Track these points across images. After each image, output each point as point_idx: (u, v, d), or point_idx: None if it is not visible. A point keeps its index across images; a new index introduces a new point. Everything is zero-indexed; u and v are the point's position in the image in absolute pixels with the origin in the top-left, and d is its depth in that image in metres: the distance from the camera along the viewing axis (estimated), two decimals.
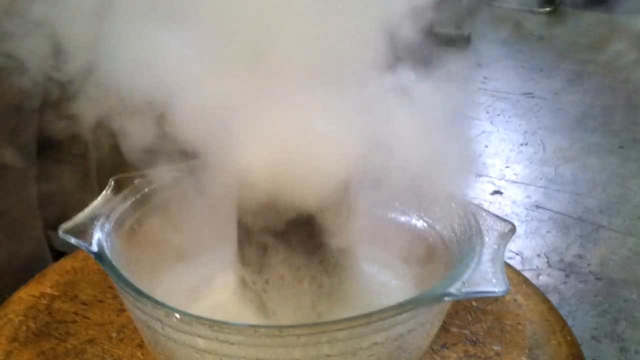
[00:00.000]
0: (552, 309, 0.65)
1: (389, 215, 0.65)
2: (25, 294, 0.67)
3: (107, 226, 0.58)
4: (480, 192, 2.11)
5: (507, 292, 0.50)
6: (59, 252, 1.50)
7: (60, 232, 0.56)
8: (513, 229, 0.57)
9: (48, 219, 1.48)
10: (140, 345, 0.61)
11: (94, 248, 0.55)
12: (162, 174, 0.63)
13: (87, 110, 0.57)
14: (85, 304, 0.66)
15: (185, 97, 0.52)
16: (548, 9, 3.86)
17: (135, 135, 0.57)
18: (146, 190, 0.63)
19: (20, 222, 1.48)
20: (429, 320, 0.53)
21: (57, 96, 0.64)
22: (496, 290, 0.50)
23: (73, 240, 0.56)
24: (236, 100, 0.52)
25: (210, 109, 0.52)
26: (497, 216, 0.58)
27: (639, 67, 3.04)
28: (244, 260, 0.58)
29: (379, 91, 0.56)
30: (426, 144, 0.58)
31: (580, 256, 1.83)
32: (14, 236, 1.51)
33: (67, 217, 0.57)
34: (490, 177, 2.21)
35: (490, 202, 2.05)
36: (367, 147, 0.55)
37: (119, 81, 0.53)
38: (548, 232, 1.94)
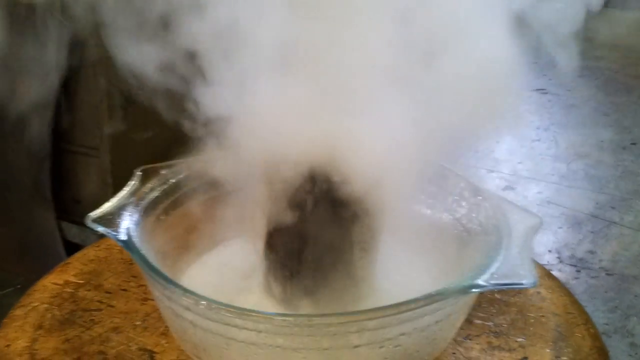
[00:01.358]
0: (575, 302, 0.65)
1: (416, 208, 0.65)
2: (49, 282, 0.68)
3: (135, 216, 0.58)
4: (492, 188, 2.11)
5: (535, 284, 0.50)
6: (71, 244, 1.51)
7: (88, 221, 0.57)
8: (540, 222, 0.57)
9: (60, 210, 1.49)
10: (165, 334, 0.61)
11: (122, 237, 0.55)
12: (188, 164, 0.63)
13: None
14: (109, 292, 0.67)
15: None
16: None
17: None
18: (173, 180, 0.63)
19: (33, 214, 1.49)
20: (456, 312, 0.53)
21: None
22: (524, 282, 0.50)
23: (101, 229, 0.56)
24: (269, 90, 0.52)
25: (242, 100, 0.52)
26: (524, 209, 0.58)
27: None
28: (270, 250, 0.59)
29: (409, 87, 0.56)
30: (450, 138, 0.58)
31: (591, 252, 1.83)
32: (27, 227, 1.52)
33: (80, 209, 0.58)
34: (502, 172, 2.21)
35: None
36: (398, 140, 0.55)
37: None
38: (560, 227, 1.94)
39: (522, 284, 0.50)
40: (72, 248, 1.49)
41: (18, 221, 1.52)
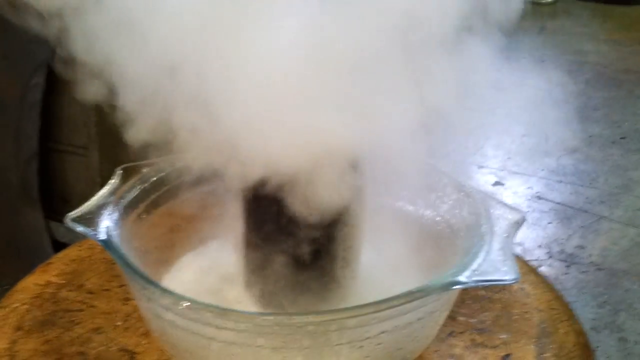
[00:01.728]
0: (559, 297, 0.65)
1: (397, 205, 0.64)
2: (31, 283, 0.67)
3: (115, 215, 0.57)
4: (481, 184, 2.11)
5: (517, 280, 0.49)
6: (60, 243, 1.50)
7: (67, 220, 0.56)
8: (523, 218, 0.57)
9: (49, 210, 1.48)
10: (146, 334, 0.61)
11: (102, 236, 0.55)
12: (170, 163, 0.63)
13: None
14: (91, 292, 0.66)
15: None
16: (549, 0, 3.86)
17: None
18: (154, 179, 0.62)
19: (21, 214, 1.48)
20: (438, 309, 0.53)
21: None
22: (506, 278, 0.50)
23: (80, 229, 0.55)
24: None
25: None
26: (507, 205, 0.58)
27: None
28: (249, 250, 0.58)
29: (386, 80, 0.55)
30: (433, 134, 0.58)
31: (581, 247, 1.83)
32: (15, 227, 1.51)
33: (69, 208, 0.57)
34: (492, 168, 2.21)
35: (492, 193, 2.05)
36: (375, 135, 0.55)
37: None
38: (549, 223, 1.94)
39: (504, 280, 0.50)
40: (60, 247, 1.48)
41: (5, 221, 1.51)
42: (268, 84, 0.51)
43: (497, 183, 2.13)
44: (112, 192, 0.60)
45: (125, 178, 0.61)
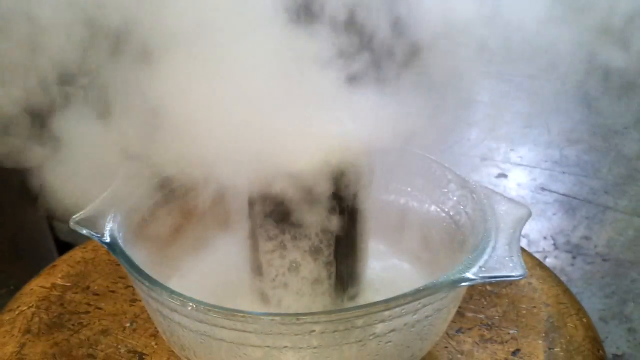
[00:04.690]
0: (566, 291, 0.65)
1: (402, 202, 0.64)
2: (37, 286, 0.67)
3: (119, 217, 0.57)
4: (485, 176, 2.11)
5: (524, 275, 0.49)
6: (63, 243, 1.50)
7: (71, 223, 0.56)
8: (529, 213, 0.56)
9: (52, 210, 1.48)
10: (154, 335, 0.60)
11: (107, 239, 0.54)
12: (174, 164, 0.62)
13: None
14: (97, 294, 0.66)
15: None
16: None
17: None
18: (157, 180, 0.62)
19: (23, 214, 1.48)
20: (446, 306, 0.53)
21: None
22: (513, 274, 0.50)
23: (85, 231, 0.55)
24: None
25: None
26: (512, 200, 0.57)
27: None
28: (255, 251, 0.58)
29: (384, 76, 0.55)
30: (435, 129, 0.58)
31: (586, 238, 1.83)
32: (18, 227, 1.51)
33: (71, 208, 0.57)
34: (495, 160, 2.21)
35: (495, 186, 2.05)
36: (379, 133, 0.54)
37: None
38: (554, 214, 1.93)
39: (511, 276, 0.50)
40: (63, 247, 1.48)
41: (8, 222, 1.51)
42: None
43: (500, 175, 2.12)
44: (116, 194, 0.59)
45: (128, 179, 0.61)
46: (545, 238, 1.83)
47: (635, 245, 1.79)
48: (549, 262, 1.73)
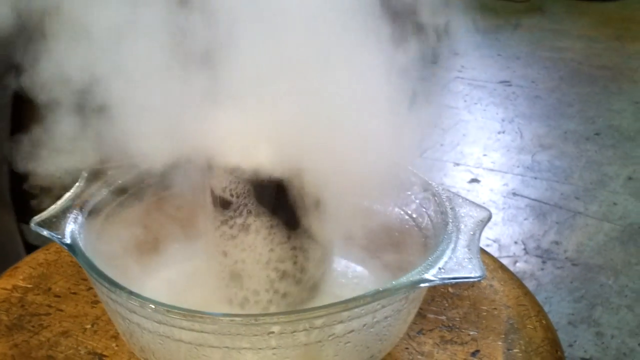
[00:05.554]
0: (527, 293, 0.65)
1: (364, 203, 0.64)
2: None
3: (80, 218, 0.57)
4: (458, 181, 2.12)
5: (483, 277, 0.50)
6: (32, 246, 1.49)
7: (32, 224, 0.56)
8: (489, 216, 0.57)
9: (20, 213, 1.47)
10: (115, 337, 0.60)
11: (67, 240, 0.54)
12: (136, 165, 0.62)
13: None
14: (58, 296, 0.66)
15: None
16: None
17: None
18: (120, 181, 0.62)
19: None
20: (406, 307, 0.53)
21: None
22: (472, 275, 0.50)
23: (45, 233, 0.55)
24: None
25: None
26: (473, 203, 0.58)
27: (615, 54, 3.06)
28: (214, 248, 0.58)
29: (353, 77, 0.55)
30: (402, 132, 0.58)
31: (556, 242, 1.85)
32: None
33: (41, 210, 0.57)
34: (468, 165, 2.22)
35: (468, 190, 2.07)
36: (341, 134, 0.55)
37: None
38: (525, 219, 1.95)
39: (470, 277, 0.50)
40: (33, 250, 1.47)
41: None
42: None
43: (473, 180, 2.14)
44: (78, 195, 0.59)
45: (90, 180, 0.61)
46: (516, 243, 1.85)
47: (605, 250, 1.81)
48: (519, 266, 1.75)
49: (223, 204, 0.56)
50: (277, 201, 0.55)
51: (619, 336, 1.53)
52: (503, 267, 0.69)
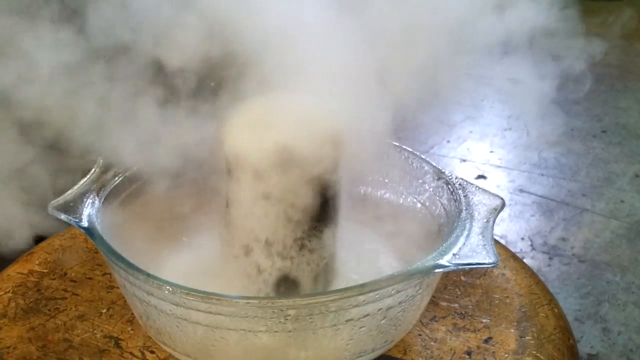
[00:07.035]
0: (539, 282, 0.66)
1: (378, 193, 0.65)
2: (14, 272, 0.67)
3: (97, 203, 0.58)
4: (464, 177, 2.12)
5: (496, 263, 0.50)
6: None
7: (49, 208, 0.56)
8: (502, 204, 0.57)
9: None
10: (130, 321, 0.61)
11: (84, 223, 0.55)
12: (152, 151, 0.63)
13: None
14: (74, 281, 0.66)
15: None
16: None
17: None
18: (135, 167, 0.62)
19: None
20: (420, 293, 0.54)
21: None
22: (486, 261, 0.51)
23: (63, 217, 0.56)
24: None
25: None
26: (486, 191, 0.59)
27: (621, 52, 3.06)
28: (232, 235, 0.58)
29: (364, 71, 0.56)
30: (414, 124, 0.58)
31: (563, 239, 1.85)
32: None
33: None
34: (474, 161, 2.22)
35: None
36: (356, 124, 0.55)
37: None
38: (532, 215, 1.95)
39: (484, 263, 0.51)
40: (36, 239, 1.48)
41: None
42: None
43: (480, 176, 2.14)
44: (94, 181, 0.60)
45: (106, 167, 0.61)
46: (522, 239, 1.85)
47: (611, 247, 1.81)
48: (526, 262, 1.74)
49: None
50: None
51: (626, 332, 1.53)
52: (515, 257, 0.69)
